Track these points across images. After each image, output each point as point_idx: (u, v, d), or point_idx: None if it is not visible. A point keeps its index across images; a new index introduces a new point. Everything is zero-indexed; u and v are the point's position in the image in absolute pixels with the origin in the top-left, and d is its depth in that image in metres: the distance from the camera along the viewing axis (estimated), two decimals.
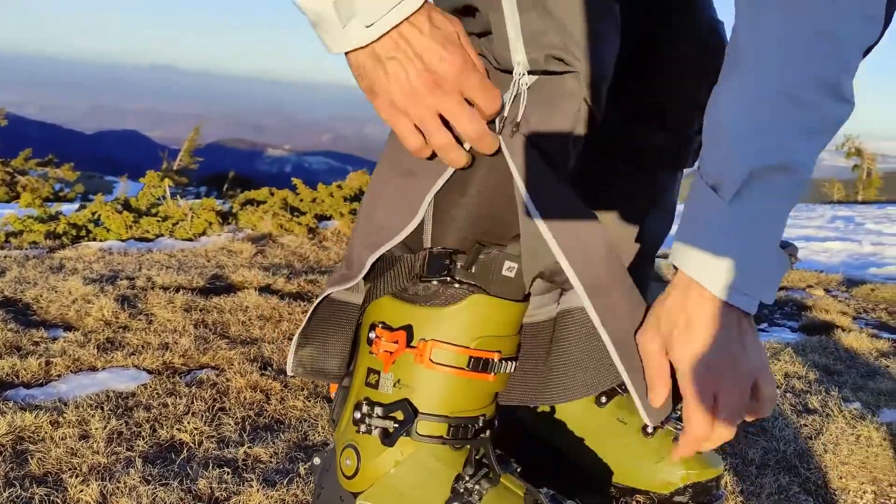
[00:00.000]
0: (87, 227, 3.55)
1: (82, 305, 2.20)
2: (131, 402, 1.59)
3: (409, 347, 0.94)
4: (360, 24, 0.79)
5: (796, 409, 1.73)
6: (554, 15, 0.84)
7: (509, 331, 0.98)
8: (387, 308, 0.97)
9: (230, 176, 29.03)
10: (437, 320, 0.94)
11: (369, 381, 0.98)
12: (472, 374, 0.95)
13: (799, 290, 3.31)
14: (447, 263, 0.93)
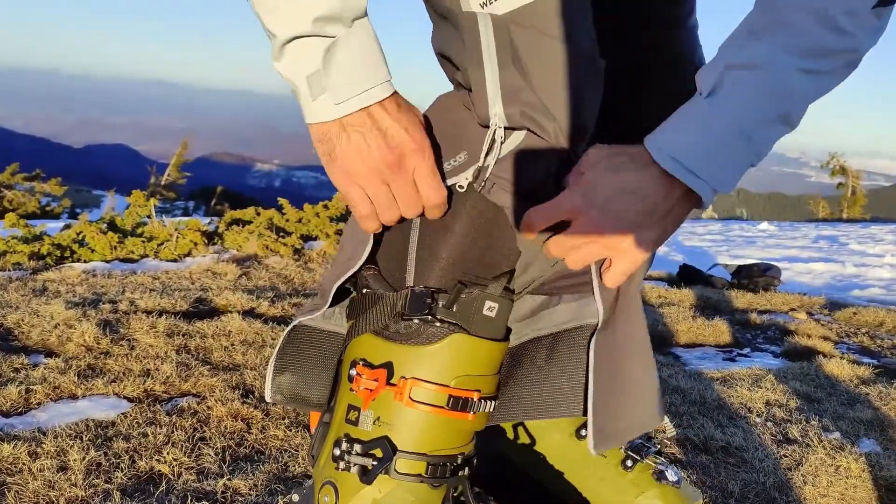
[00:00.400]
0: (71, 248, 3.53)
1: (64, 331, 2.18)
2: (111, 431, 1.58)
3: (388, 385, 0.95)
4: (329, 100, 0.82)
5: (776, 439, 1.74)
6: (532, 73, 0.85)
7: (489, 370, 0.98)
8: (368, 345, 0.98)
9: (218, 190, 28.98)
10: (417, 359, 0.94)
11: (349, 417, 0.98)
12: (452, 412, 0.95)
13: (782, 314, 3.34)
14: (428, 302, 0.94)
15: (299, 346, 1.06)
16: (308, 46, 0.82)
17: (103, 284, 2.95)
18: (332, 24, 0.81)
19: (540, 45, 0.86)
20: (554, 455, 1.30)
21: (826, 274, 5.16)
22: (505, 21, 0.86)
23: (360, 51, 0.83)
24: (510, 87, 0.87)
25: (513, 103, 0.88)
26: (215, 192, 27.62)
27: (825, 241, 7.81)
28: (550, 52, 0.86)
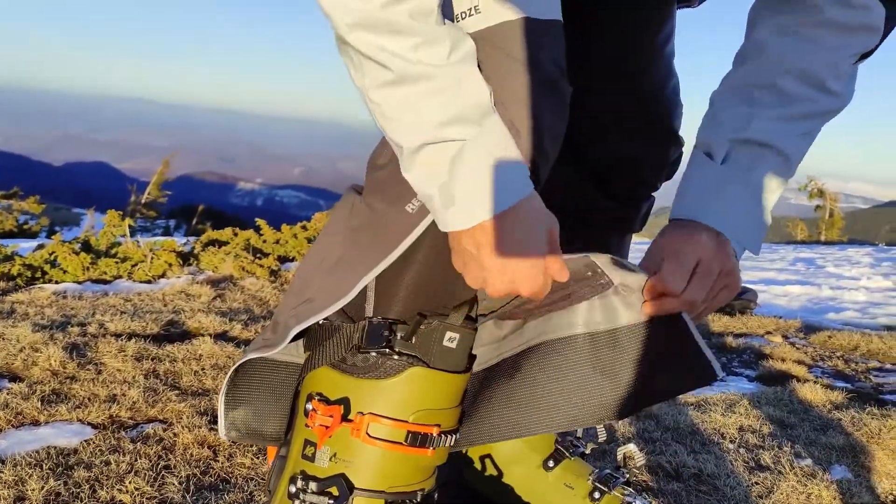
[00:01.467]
0: (42, 269, 3.47)
1: (30, 354, 2.14)
2: (72, 459, 1.54)
3: (345, 421, 0.93)
4: (459, 212, 0.79)
5: (749, 466, 1.73)
6: (495, 92, 0.84)
7: (449, 403, 0.97)
8: (324, 379, 0.96)
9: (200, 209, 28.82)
10: (374, 393, 0.93)
11: (305, 453, 0.96)
12: (411, 448, 0.93)
13: (758, 337, 3.35)
14: (386, 335, 0.92)
15: (251, 378, 1.04)
16: (437, 153, 0.77)
17: (73, 306, 2.91)
18: (457, 125, 0.76)
19: (502, 65, 0.85)
20: (521, 486, 1.29)
21: (802, 297, 5.19)
22: (474, 38, 0.85)
23: (488, 155, 0.78)
24: None
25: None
26: (197, 210, 27.45)
27: (802, 263, 7.88)
28: (512, 73, 0.85)
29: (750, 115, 0.94)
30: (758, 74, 0.95)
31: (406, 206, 0.90)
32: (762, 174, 0.94)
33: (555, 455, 1.30)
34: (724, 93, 0.99)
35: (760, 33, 0.96)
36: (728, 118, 0.96)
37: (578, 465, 1.31)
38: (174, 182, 30.34)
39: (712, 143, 0.97)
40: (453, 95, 0.76)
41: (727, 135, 0.95)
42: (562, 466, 1.29)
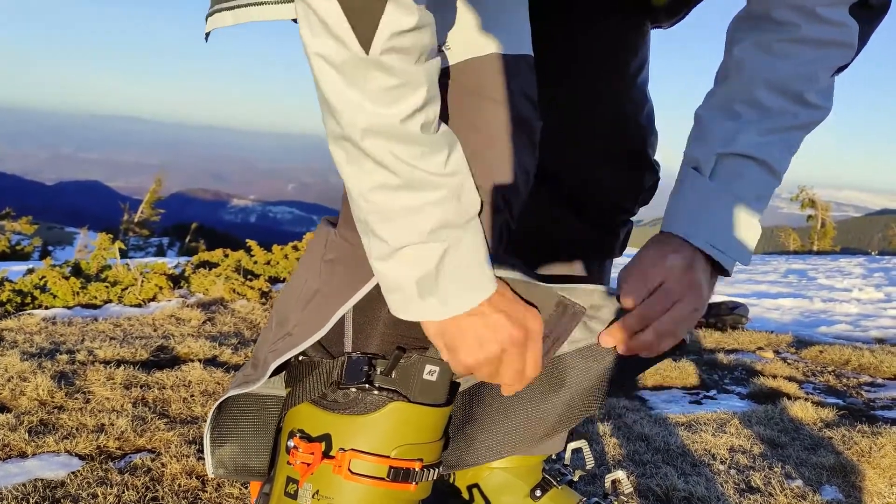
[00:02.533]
0: (32, 294, 3.46)
1: (18, 384, 2.13)
2: (59, 492, 1.53)
3: (326, 458, 0.92)
4: (438, 304, 0.80)
5: (739, 488, 1.73)
6: (459, 132, 0.84)
7: (431, 437, 0.96)
8: (305, 416, 0.95)
9: (193, 227, 28.77)
10: (355, 429, 0.92)
11: (288, 490, 0.96)
12: (393, 484, 0.93)
13: (749, 353, 3.35)
14: (366, 370, 0.92)
15: (236, 414, 1.04)
16: (420, 253, 0.79)
17: (63, 333, 2.89)
18: (446, 230, 0.79)
19: (468, 104, 0.85)
20: None
21: (794, 310, 5.21)
22: (442, 74, 0.85)
23: (469, 254, 0.81)
24: None
25: None
26: (190, 228, 27.41)
27: (794, 275, 7.91)
28: (481, 110, 0.85)
29: (734, 130, 0.95)
30: (739, 90, 0.97)
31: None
32: (750, 186, 0.96)
33: (542, 484, 1.29)
34: (708, 109, 1.00)
35: (739, 50, 0.98)
36: (713, 133, 0.97)
37: (566, 495, 1.30)
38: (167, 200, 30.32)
39: (699, 157, 0.98)
40: (454, 206, 0.79)
41: (714, 149, 0.96)
42: (549, 496, 1.29)
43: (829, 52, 0.94)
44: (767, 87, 0.95)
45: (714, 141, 0.97)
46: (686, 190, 0.98)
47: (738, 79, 0.97)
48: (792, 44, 0.94)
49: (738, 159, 0.95)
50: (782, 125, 0.96)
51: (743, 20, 1.00)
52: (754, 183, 0.96)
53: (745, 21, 0.99)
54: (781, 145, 0.97)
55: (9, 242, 13.79)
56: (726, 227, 0.96)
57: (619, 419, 2.20)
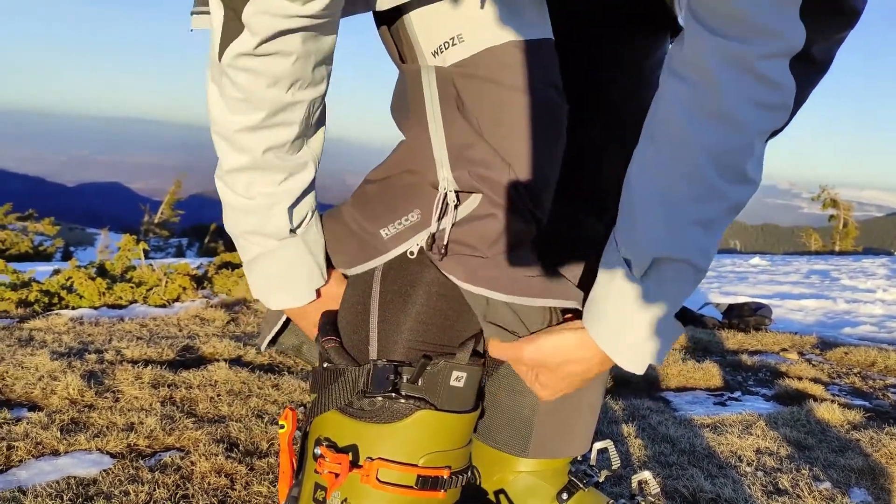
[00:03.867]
0: (59, 294, 3.51)
1: (48, 383, 2.16)
2: (92, 489, 1.55)
3: (354, 467, 0.92)
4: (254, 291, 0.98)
5: (766, 490, 1.72)
6: (483, 124, 0.84)
7: (459, 443, 0.95)
8: (332, 424, 0.95)
9: (212, 228, 28.92)
10: (382, 438, 0.91)
11: (316, 497, 0.96)
12: (421, 492, 0.92)
13: (773, 354, 3.33)
14: (392, 378, 0.91)
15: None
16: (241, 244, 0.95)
17: (90, 333, 2.93)
18: (256, 237, 0.93)
19: (490, 95, 0.85)
20: None
21: (818, 311, 5.16)
22: (450, 74, 0.85)
23: (281, 266, 0.95)
24: (456, 146, 0.86)
25: (460, 165, 0.87)
26: (209, 229, 27.53)
27: (817, 275, 7.83)
28: (502, 101, 0.85)
29: (671, 223, 0.83)
30: (674, 161, 0.82)
31: (381, 230, 0.92)
32: (679, 291, 0.86)
33: (568, 487, 1.29)
34: (643, 183, 0.86)
35: (671, 107, 0.82)
36: (649, 226, 0.85)
37: (593, 497, 1.30)
38: (185, 201, 30.51)
39: (632, 254, 0.86)
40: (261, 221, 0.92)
41: (650, 250, 0.85)
42: (576, 499, 1.28)
43: (766, 116, 0.80)
44: (709, 163, 0.80)
45: (649, 237, 0.85)
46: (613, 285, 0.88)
47: (676, 147, 0.82)
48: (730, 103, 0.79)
49: (673, 263, 0.85)
50: (720, 210, 0.83)
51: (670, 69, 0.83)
52: (684, 287, 0.87)
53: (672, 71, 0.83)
54: (714, 238, 0.85)
55: (32, 243, 13.94)
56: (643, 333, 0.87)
57: (644, 420, 2.20)
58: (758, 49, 0.76)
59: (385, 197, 0.96)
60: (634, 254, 0.86)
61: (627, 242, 0.87)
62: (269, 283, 0.96)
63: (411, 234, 0.92)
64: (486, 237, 0.89)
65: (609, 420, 2.19)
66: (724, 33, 0.76)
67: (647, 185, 0.85)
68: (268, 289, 0.96)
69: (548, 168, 0.92)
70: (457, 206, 0.89)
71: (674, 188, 0.82)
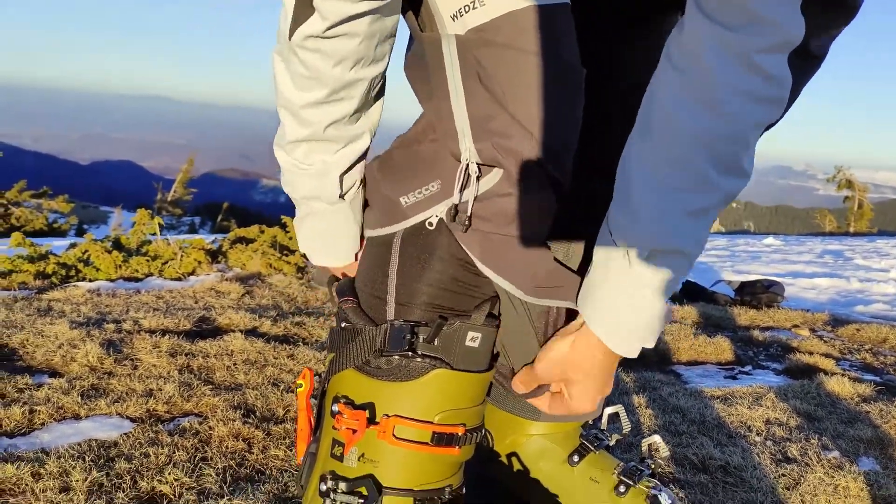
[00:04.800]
0: (76, 267, 3.55)
1: (68, 351, 2.20)
2: (113, 451, 1.59)
3: (371, 424, 0.95)
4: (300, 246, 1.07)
5: (776, 458, 1.74)
6: (504, 91, 0.85)
7: (473, 402, 0.98)
8: (350, 382, 0.97)
9: (224, 206, 29.03)
10: (399, 396, 0.94)
11: (334, 452, 0.98)
12: (437, 448, 0.95)
13: (785, 331, 3.33)
14: (409, 338, 0.93)
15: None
16: (297, 208, 1.02)
17: (108, 304, 2.98)
18: (313, 201, 0.99)
19: (510, 61, 0.85)
20: (548, 482, 1.30)
21: (830, 289, 5.15)
22: (470, 43, 0.86)
23: (327, 227, 1.02)
24: (479, 118, 0.88)
25: (483, 137, 0.88)
26: (221, 207, 27.63)
27: (830, 255, 7.80)
28: (522, 67, 0.86)
29: (667, 215, 0.84)
30: (671, 151, 0.82)
31: (401, 198, 0.94)
32: (674, 279, 0.86)
33: (579, 449, 1.31)
34: (636, 172, 0.86)
35: (664, 96, 0.82)
36: (647, 218, 0.85)
37: (603, 459, 1.32)
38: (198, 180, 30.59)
39: (629, 244, 0.87)
40: (317, 186, 0.98)
41: (647, 242, 0.85)
42: (587, 461, 1.31)
43: (760, 109, 0.80)
44: (705, 155, 0.81)
45: (647, 227, 0.85)
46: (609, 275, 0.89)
47: (671, 136, 0.82)
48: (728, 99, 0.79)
49: (669, 255, 0.85)
50: (713, 201, 0.84)
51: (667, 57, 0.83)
52: (678, 277, 0.87)
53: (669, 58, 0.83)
54: (707, 227, 0.86)
55: (46, 220, 14.04)
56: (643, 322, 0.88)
57: (654, 392, 2.22)
58: (758, 41, 0.76)
59: (408, 164, 0.98)
60: (631, 244, 0.86)
61: (624, 233, 0.87)
62: (316, 242, 1.04)
63: (431, 204, 0.94)
64: (504, 215, 0.91)
65: (620, 391, 2.21)
66: (724, 22, 0.76)
67: (643, 175, 0.85)
68: (314, 246, 1.04)
69: (568, 133, 0.93)
70: (479, 177, 0.91)
71: (669, 179, 0.83)
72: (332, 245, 1.04)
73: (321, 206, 1.00)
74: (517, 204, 0.92)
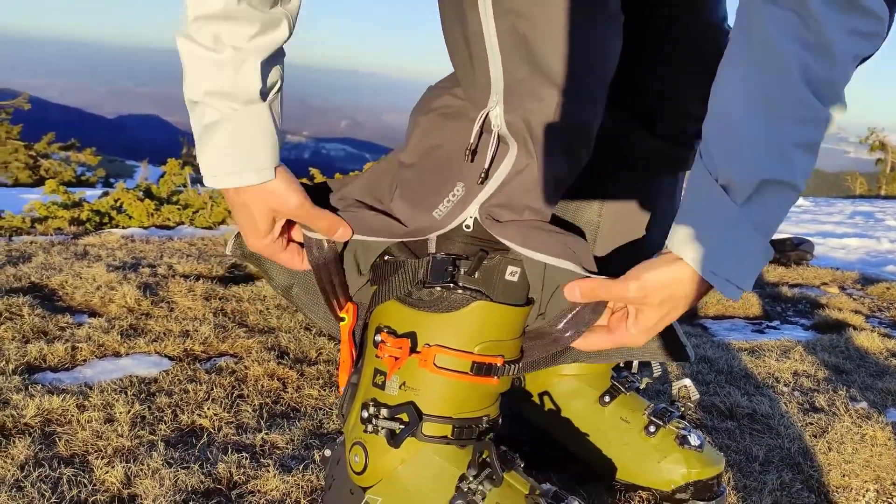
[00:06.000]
0: (109, 214, 3.61)
1: (106, 292, 2.26)
2: (153, 387, 1.64)
3: (413, 353, 0.98)
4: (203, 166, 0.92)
5: (803, 408, 1.75)
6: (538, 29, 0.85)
7: (512, 335, 1.01)
8: (392, 312, 1.00)
9: None
10: (440, 326, 0.97)
11: (376, 381, 1.02)
12: (476, 378, 0.98)
13: (814, 288, 3.32)
14: (450, 270, 0.96)
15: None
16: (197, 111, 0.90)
17: (142, 249, 3.03)
18: (222, 100, 0.88)
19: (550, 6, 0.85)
20: (579, 421, 1.34)
21: (860, 249, 5.09)
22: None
23: (238, 134, 0.89)
24: (512, 83, 0.88)
25: (514, 108, 0.88)
26: None
27: (861, 216, 7.68)
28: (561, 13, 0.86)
29: (777, 146, 0.83)
30: (778, 88, 0.82)
31: (433, 212, 0.95)
32: (780, 215, 0.86)
33: (611, 390, 1.34)
34: (742, 106, 0.85)
35: (767, 33, 0.82)
36: (755, 150, 0.83)
37: (634, 400, 1.35)
38: None
39: (732, 177, 0.85)
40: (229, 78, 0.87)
41: (757, 174, 0.83)
42: (618, 401, 1.34)
43: (861, 44, 0.81)
44: (811, 90, 0.81)
45: (754, 158, 0.83)
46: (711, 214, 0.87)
47: (776, 73, 0.82)
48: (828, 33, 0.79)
49: (777, 186, 0.84)
50: (820, 132, 0.84)
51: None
52: (784, 211, 0.86)
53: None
54: (813, 160, 0.85)
55: (74, 173, 14.20)
56: (744, 260, 0.87)
57: None
58: None
59: (424, 180, 0.98)
60: (738, 178, 0.84)
61: (729, 167, 0.85)
62: (227, 155, 0.90)
63: (462, 208, 0.95)
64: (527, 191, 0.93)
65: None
66: None
67: (748, 110, 0.84)
68: (224, 161, 0.90)
69: (603, 70, 0.93)
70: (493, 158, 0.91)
71: (776, 112, 0.82)
72: (250, 157, 0.90)
73: (233, 106, 0.88)
74: (534, 174, 0.93)
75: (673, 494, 1.25)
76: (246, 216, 0.95)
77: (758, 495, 1.33)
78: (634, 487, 1.29)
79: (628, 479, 1.29)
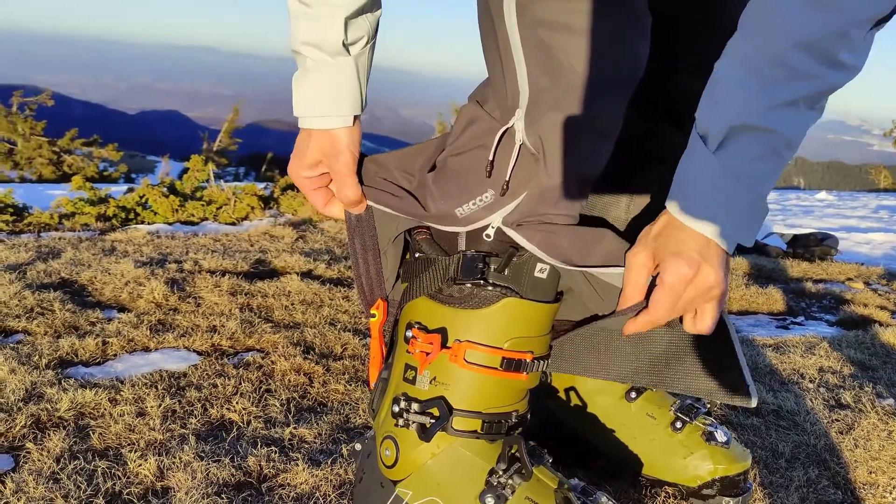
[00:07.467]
0: (135, 210, 3.66)
1: (134, 288, 2.29)
2: (183, 381, 1.67)
3: (444, 348, 0.99)
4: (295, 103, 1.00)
5: (829, 404, 1.74)
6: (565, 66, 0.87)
7: (541, 331, 1.02)
8: (423, 309, 1.02)
9: (268, 157, 29.21)
10: (470, 322, 0.98)
11: (407, 376, 1.03)
12: (506, 373, 0.99)
13: (838, 283, 3.29)
14: (480, 266, 0.97)
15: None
16: (299, 63, 0.99)
17: (168, 245, 3.07)
18: (314, 50, 0.96)
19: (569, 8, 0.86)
20: (605, 417, 1.34)
21: (886, 244, 5.03)
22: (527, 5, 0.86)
23: (325, 82, 0.97)
24: (536, 94, 0.89)
25: (536, 119, 0.90)
26: (265, 158, 27.85)
27: (886, 211, 7.59)
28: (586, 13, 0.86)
29: (752, 96, 0.84)
30: (765, 44, 0.83)
31: (456, 209, 0.97)
32: (762, 163, 0.85)
33: (637, 386, 1.34)
34: (728, 64, 0.87)
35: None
36: (727, 97, 0.85)
37: (660, 396, 1.35)
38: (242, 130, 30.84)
39: (708, 126, 0.87)
40: (319, 31, 0.95)
41: (726, 119, 0.84)
42: (644, 397, 1.34)
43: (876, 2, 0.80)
44: (798, 45, 0.81)
45: (727, 107, 0.85)
46: (691, 166, 0.89)
47: (765, 30, 0.83)
48: None
49: (753, 132, 0.84)
50: (808, 92, 0.83)
51: None
52: (768, 159, 0.86)
53: None
54: (803, 113, 0.85)
55: (97, 168, 14.35)
56: (731, 211, 0.87)
57: None
58: None
59: (461, 175, 1.00)
60: (711, 126, 0.86)
61: (707, 117, 0.87)
62: (316, 99, 0.99)
63: (485, 215, 0.97)
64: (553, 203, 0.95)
65: None
66: None
67: (730, 65, 0.86)
68: (313, 104, 0.99)
69: (632, 68, 0.93)
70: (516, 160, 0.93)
71: (754, 64, 0.83)
72: (334, 104, 0.99)
73: (322, 56, 0.97)
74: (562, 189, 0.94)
75: (699, 490, 1.25)
76: (302, 143, 1.03)
77: (784, 492, 1.33)
78: (660, 483, 1.29)
79: (654, 474, 1.29)
